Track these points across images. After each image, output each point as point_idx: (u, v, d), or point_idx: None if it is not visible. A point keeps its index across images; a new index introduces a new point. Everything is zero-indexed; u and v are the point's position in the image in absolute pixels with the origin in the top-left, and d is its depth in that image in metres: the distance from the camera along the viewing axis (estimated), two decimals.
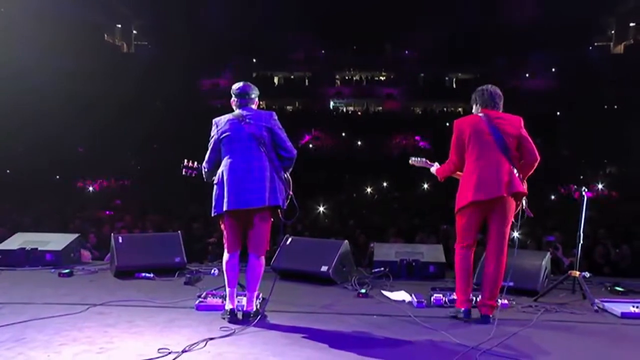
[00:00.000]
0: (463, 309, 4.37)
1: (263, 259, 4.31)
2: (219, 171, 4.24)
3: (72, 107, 23.64)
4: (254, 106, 4.35)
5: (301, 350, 3.69)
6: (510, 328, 4.18)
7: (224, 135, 4.22)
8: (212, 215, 4.29)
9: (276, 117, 4.29)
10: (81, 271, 6.11)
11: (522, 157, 4.29)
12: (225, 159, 4.22)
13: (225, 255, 4.31)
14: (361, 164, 23.93)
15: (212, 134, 4.31)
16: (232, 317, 4.22)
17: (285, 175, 4.32)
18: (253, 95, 4.35)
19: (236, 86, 4.36)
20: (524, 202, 4.39)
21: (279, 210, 4.25)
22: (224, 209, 4.15)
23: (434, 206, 13.71)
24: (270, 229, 4.31)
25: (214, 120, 4.33)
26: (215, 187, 4.24)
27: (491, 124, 4.21)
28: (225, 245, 4.32)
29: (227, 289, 4.29)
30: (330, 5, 32.83)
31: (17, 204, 13.08)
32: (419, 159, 4.89)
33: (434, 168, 4.74)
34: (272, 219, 4.30)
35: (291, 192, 4.33)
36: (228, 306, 4.28)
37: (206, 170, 4.35)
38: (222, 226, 4.33)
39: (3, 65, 17.40)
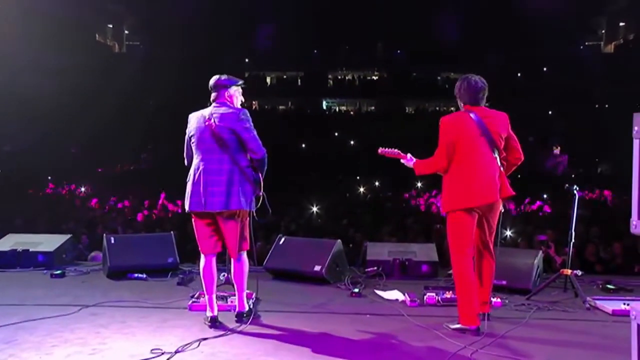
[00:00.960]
0: (473, 327, 4.02)
1: (244, 258, 4.25)
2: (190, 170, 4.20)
3: (63, 107, 23.51)
4: (227, 97, 4.17)
5: (294, 350, 3.69)
6: (503, 326, 4.20)
7: (191, 134, 4.17)
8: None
9: (244, 116, 4.10)
10: (73, 272, 6.09)
11: (508, 156, 4.17)
12: (194, 158, 4.17)
13: (202, 259, 4.22)
14: (353, 164, 23.95)
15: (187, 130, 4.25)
16: (214, 324, 4.13)
17: (256, 176, 4.15)
18: (228, 87, 4.18)
19: (211, 80, 4.22)
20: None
21: (252, 211, 4.17)
22: (186, 209, 4.14)
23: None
24: (244, 230, 4.20)
25: (189, 116, 4.23)
26: (187, 184, 4.18)
27: (481, 124, 4.04)
28: (199, 247, 4.23)
29: (206, 296, 4.22)
30: (323, 5, 32.80)
31: (8, 204, 12.99)
32: (389, 149, 4.54)
33: (411, 162, 4.40)
34: (241, 220, 4.16)
35: (261, 193, 4.16)
36: (208, 313, 4.19)
37: (186, 165, 4.30)
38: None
39: None
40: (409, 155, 4.45)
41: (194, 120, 4.17)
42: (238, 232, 4.16)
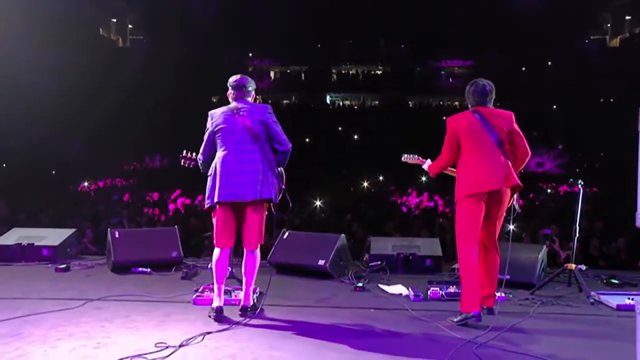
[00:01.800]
0: (475, 312, 4.08)
1: (258, 252, 4.30)
2: (213, 163, 4.24)
3: (67, 102, 23.51)
4: (250, 99, 4.36)
5: (298, 344, 3.70)
6: (507, 321, 4.20)
7: (218, 127, 4.23)
8: (205, 207, 4.31)
9: (271, 111, 4.28)
10: (78, 266, 6.12)
11: (515, 151, 4.29)
12: (220, 151, 4.22)
13: (216, 251, 4.25)
14: (357, 158, 23.93)
15: (207, 126, 4.32)
16: (219, 314, 4.14)
17: (279, 170, 4.31)
18: (250, 88, 4.36)
19: (233, 79, 4.36)
20: (515, 196, 4.42)
21: (271, 204, 4.25)
22: (215, 200, 4.15)
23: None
24: (264, 223, 4.29)
25: (209, 113, 4.34)
26: (209, 179, 4.24)
27: (484, 120, 4.22)
28: (216, 240, 4.26)
29: (215, 285, 4.23)
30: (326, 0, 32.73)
31: (13, 199, 13.03)
32: (411, 156, 4.85)
33: (427, 165, 4.69)
34: (265, 213, 4.27)
35: (284, 187, 4.32)
36: (215, 303, 4.20)
37: (201, 161, 4.38)
38: (214, 219, 4.31)
39: None
40: (428, 160, 4.71)
41: (220, 113, 4.26)
42: (260, 224, 4.23)
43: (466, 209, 4.22)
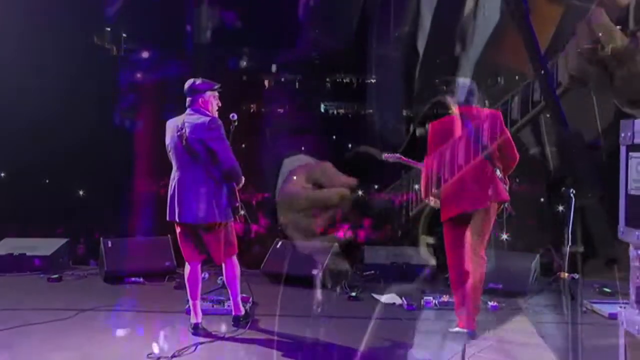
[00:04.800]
0: (470, 331, 4.02)
1: (233, 262, 4.14)
2: None
3: (61, 111, 23.45)
4: (202, 102, 4.00)
5: (291, 354, 3.70)
6: (499, 330, 4.20)
7: (167, 144, 4.06)
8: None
9: (215, 125, 3.91)
10: (70, 276, 6.08)
11: (502, 156, 4.08)
12: (173, 168, 4.07)
13: (186, 267, 4.13)
14: (352, 167, 23.94)
15: None
16: (195, 331, 4.05)
17: (230, 187, 3.97)
18: (202, 93, 4.00)
19: (186, 84, 4.06)
20: (506, 204, 4.24)
21: (237, 217, 4.02)
22: (167, 218, 4.05)
23: None
24: (227, 236, 4.05)
25: (166, 124, 4.08)
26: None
27: (469, 126, 3.99)
28: (183, 255, 4.14)
29: (190, 302, 4.12)
30: (321, 6, 32.81)
31: (4, 207, 12.93)
32: (392, 154, 4.60)
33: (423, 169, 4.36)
34: (223, 228, 4.02)
35: (238, 204, 3.98)
36: (192, 320, 4.09)
37: None
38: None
39: None
40: (424, 163, 4.37)
41: (169, 130, 4.04)
42: (220, 241, 4.02)
43: (451, 229, 4.10)
